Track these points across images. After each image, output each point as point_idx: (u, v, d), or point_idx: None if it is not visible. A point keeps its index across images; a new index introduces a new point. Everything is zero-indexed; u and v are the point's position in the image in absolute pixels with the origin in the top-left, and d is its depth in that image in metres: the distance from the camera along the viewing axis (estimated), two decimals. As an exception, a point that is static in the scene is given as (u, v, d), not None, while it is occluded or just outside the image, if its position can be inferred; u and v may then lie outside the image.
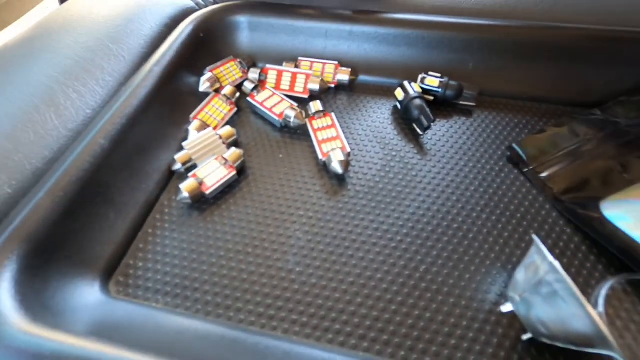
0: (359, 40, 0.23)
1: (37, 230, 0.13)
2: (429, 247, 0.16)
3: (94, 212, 0.15)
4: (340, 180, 0.18)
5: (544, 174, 0.17)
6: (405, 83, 0.21)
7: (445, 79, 0.21)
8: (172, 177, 0.18)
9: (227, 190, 0.18)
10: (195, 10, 0.24)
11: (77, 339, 0.11)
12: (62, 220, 0.14)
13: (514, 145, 0.18)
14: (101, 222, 0.15)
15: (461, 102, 0.21)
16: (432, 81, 0.21)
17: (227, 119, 0.21)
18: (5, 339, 0.11)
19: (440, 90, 0.21)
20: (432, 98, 0.21)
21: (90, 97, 0.18)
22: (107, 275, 0.15)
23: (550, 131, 0.19)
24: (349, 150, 0.19)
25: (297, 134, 0.20)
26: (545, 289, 0.12)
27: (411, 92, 0.20)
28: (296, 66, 0.23)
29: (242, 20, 0.23)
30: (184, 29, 0.22)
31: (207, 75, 0.21)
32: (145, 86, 0.19)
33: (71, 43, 0.20)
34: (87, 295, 0.14)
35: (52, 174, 0.15)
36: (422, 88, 0.21)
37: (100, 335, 0.12)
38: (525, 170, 0.18)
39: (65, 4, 0.24)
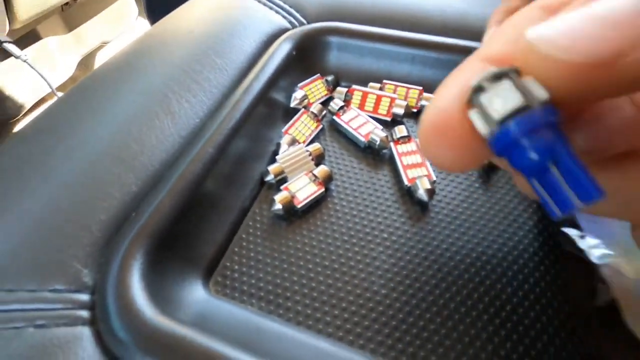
0: (444, 68, 0.23)
1: (159, 228, 0.15)
2: (515, 286, 0.16)
3: (201, 215, 0.17)
4: (423, 207, 0.19)
5: None
6: None
7: None
8: (262, 187, 0.20)
9: (314, 205, 0.19)
10: (289, 29, 0.25)
11: (198, 333, 0.13)
12: (178, 220, 0.16)
13: None
14: (205, 224, 0.17)
15: None
16: None
17: (313, 135, 0.22)
18: (142, 329, 0.12)
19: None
20: None
21: (199, 107, 0.20)
22: (208, 274, 0.16)
23: None
24: (434, 178, 0.19)
25: (380, 155, 0.21)
26: None
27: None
28: (380, 88, 0.24)
29: (333, 40, 0.25)
30: (279, 46, 0.23)
31: (298, 92, 0.23)
32: (245, 100, 0.20)
33: (182, 55, 0.22)
34: (194, 291, 0.15)
35: (170, 177, 0.17)
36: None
37: (207, 330, 0.13)
38: None
39: (169, 16, 0.26)
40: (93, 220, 0.15)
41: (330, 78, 0.24)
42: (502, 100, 0.07)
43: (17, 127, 0.82)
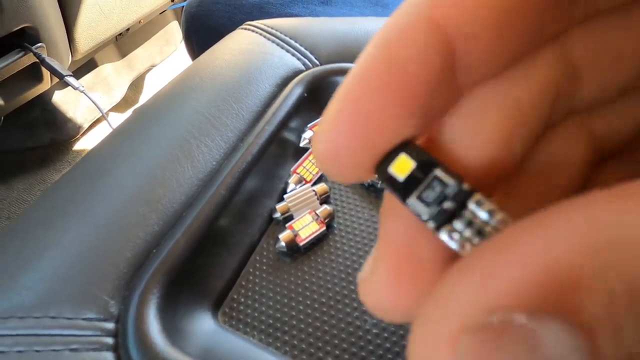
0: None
1: (174, 264, 0.17)
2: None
3: (212, 251, 0.19)
4: (420, 247, 0.19)
5: None
6: None
7: None
8: (270, 223, 0.21)
9: (316, 242, 0.20)
10: (303, 71, 0.27)
11: (199, 365, 0.14)
12: (192, 257, 0.18)
13: None
14: (215, 260, 0.19)
15: None
16: None
17: (320, 173, 0.23)
18: (154, 358, 0.14)
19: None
20: None
21: (216, 151, 0.22)
22: (218, 305, 0.18)
23: None
24: (431, 219, 0.20)
25: (383, 193, 0.22)
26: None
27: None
28: (387, 127, 0.25)
29: (342, 80, 0.26)
30: (292, 89, 0.25)
31: (308, 132, 0.24)
32: (258, 143, 0.22)
33: (204, 102, 0.24)
34: (203, 322, 0.17)
35: (186, 217, 0.19)
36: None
37: (211, 360, 0.15)
38: None
39: (197, 60, 0.29)
40: (120, 258, 0.17)
41: (340, 116, 0.26)
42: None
43: (76, 146, 0.92)
